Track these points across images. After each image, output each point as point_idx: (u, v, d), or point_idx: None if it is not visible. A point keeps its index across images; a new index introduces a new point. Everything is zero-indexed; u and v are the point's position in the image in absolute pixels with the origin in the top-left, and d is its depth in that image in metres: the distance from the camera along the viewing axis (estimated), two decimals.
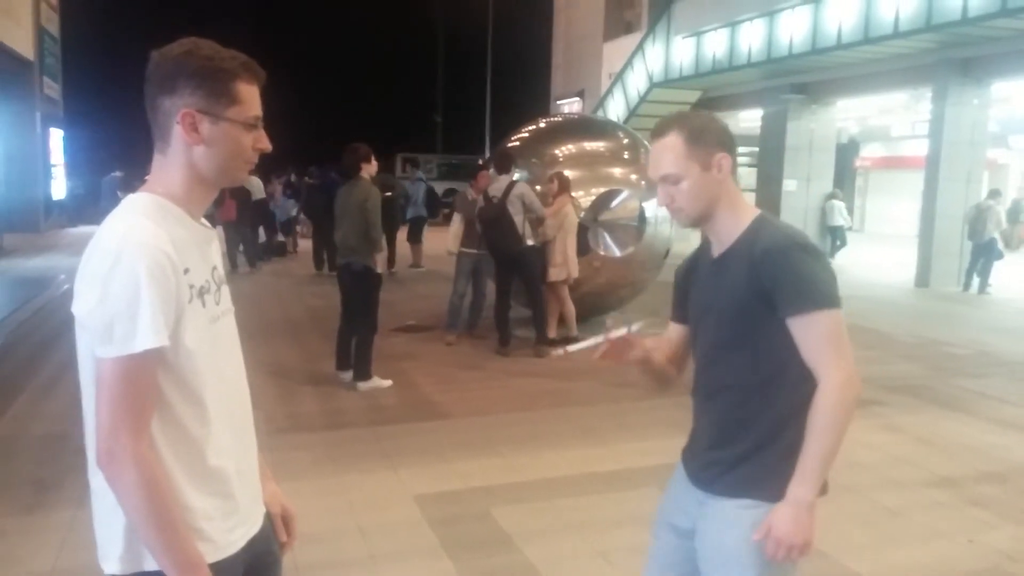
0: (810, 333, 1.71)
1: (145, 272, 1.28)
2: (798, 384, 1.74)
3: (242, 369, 1.57)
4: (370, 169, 6.21)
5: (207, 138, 1.40)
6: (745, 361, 1.79)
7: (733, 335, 1.81)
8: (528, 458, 4.70)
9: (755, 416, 1.80)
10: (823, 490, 1.76)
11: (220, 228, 12.20)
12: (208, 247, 1.50)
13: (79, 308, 1.31)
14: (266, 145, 1.48)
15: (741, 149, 24.40)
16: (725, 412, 1.85)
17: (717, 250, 1.88)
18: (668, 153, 1.81)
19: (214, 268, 1.49)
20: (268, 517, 1.64)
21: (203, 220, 1.51)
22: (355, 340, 6.15)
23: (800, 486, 1.70)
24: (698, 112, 1.89)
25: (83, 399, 1.40)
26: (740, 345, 1.80)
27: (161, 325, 1.29)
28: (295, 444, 4.73)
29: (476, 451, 4.81)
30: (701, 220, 1.86)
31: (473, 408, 5.73)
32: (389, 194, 11.71)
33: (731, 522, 1.79)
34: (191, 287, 1.38)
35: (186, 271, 1.36)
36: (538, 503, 4.06)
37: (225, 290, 1.54)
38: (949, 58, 12.32)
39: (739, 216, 1.84)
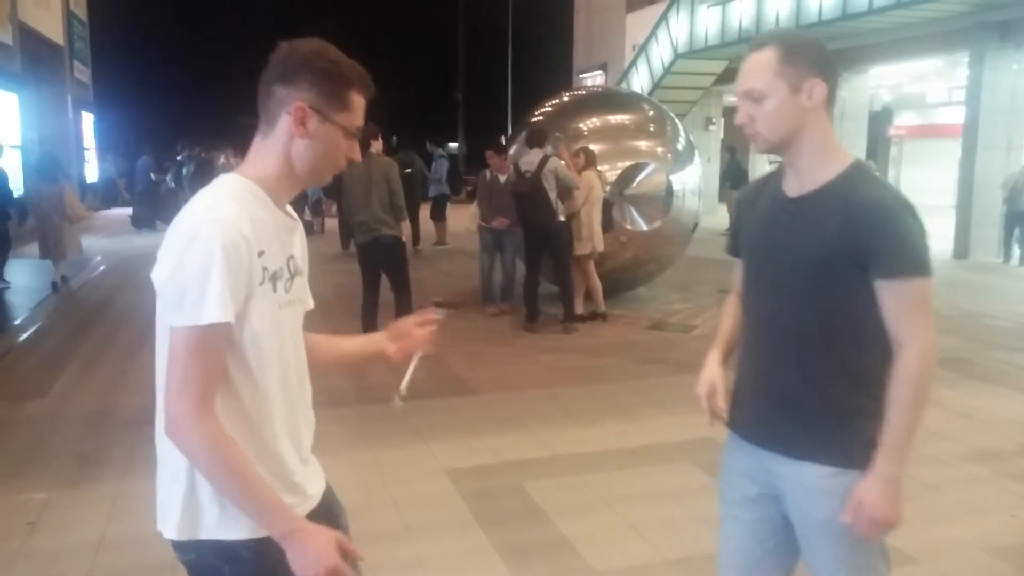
0: (901, 299, 1.62)
1: (220, 249, 1.32)
2: (872, 345, 1.66)
3: (303, 355, 1.61)
4: (377, 146, 6.32)
5: (311, 133, 1.45)
6: (818, 314, 1.69)
7: (808, 285, 1.68)
8: (559, 433, 4.72)
9: (827, 374, 1.70)
10: None
11: None
12: (290, 236, 1.54)
13: (157, 276, 1.37)
14: (356, 156, 1.53)
15: None
16: (795, 366, 1.73)
17: (795, 188, 1.73)
18: (758, 68, 1.68)
19: (291, 257, 1.53)
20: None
21: (289, 209, 1.54)
22: (399, 312, 6.20)
23: (887, 461, 1.63)
24: (803, 32, 1.74)
25: (156, 366, 1.44)
26: (814, 297, 1.68)
27: (228, 301, 1.33)
28: (328, 418, 4.69)
29: (507, 426, 4.83)
30: (779, 148, 1.72)
31: (502, 384, 5.75)
32: (409, 171, 11.68)
33: (821, 493, 1.71)
34: (264, 269, 1.42)
35: (261, 253, 1.40)
36: (570, 478, 4.07)
37: (299, 281, 1.57)
38: (986, 21, 11.96)
39: (829, 157, 1.70)
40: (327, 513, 1.63)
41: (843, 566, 1.73)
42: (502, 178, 7.86)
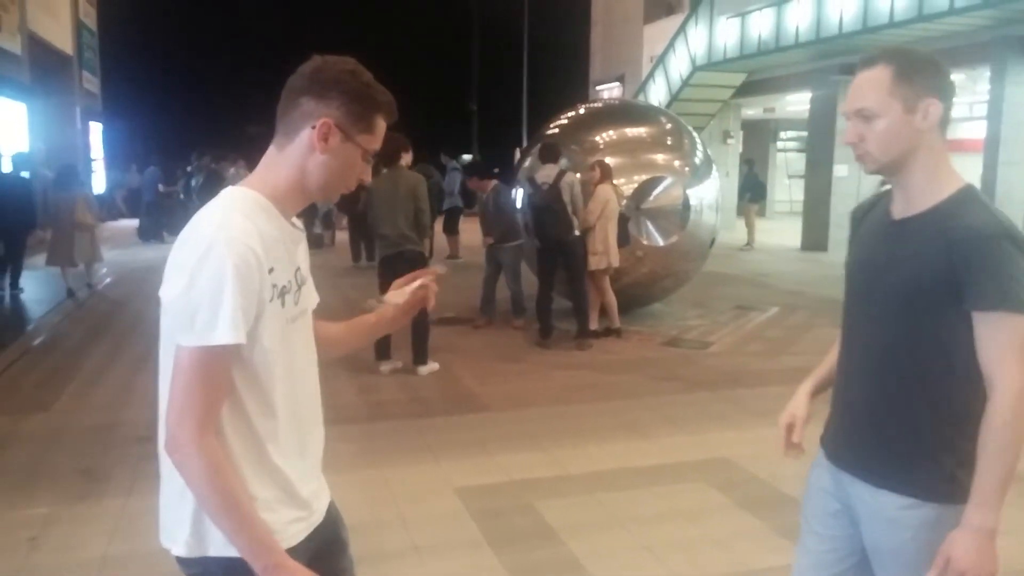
0: (996, 334, 1.54)
1: (232, 268, 1.32)
2: (965, 380, 1.59)
3: (314, 367, 1.61)
4: (407, 158, 6.29)
5: (332, 150, 1.45)
6: (910, 342, 1.64)
7: (902, 311, 1.63)
8: (571, 451, 4.64)
9: (915, 405, 1.65)
10: None
11: None
12: (296, 247, 1.53)
13: (166, 293, 1.36)
14: (367, 178, 1.55)
15: (789, 134, 24.00)
16: (881, 392, 1.70)
17: (901, 210, 1.68)
18: (870, 85, 1.62)
19: (297, 269, 1.53)
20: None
21: (295, 220, 1.53)
22: (416, 326, 6.16)
23: (979, 512, 1.55)
24: (918, 49, 1.68)
25: (160, 383, 1.43)
26: (908, 324, 1.63)
27: (240, 322, 1.33)
28: (337, 436, 4.64)
29: (518, 444, 4.76)
30: (889, 170, 1.66)
31: (514, 401, 5.68)
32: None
33: (893, 522, 1.68)
34: (274, 286, 1.42)
35: (271, 270, 1.40)
36: (582, 497, 4.00)
37: (305, 290, 1.57)
38: (1008, 35, 11.85)
39: (940, 179, 1.64)
40: (331, 528, 1.64)
41: None
42: (483, 196, 8.09)
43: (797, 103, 17.79)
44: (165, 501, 1.46)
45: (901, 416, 1.67)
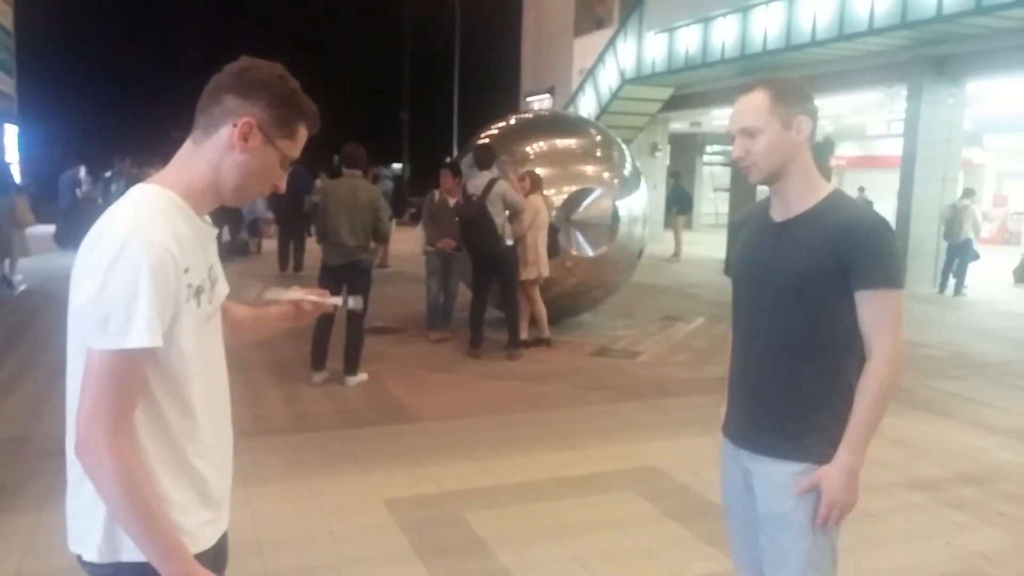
0: (877, 307, 1.80)
1: (147, 270, 1.29)
2: (848, 352, 1.84)
3: (224, 366, 1.59)
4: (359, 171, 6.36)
5: (251, 150, 1.43)
6: (802, 325, 1.86)
7: (792, 299, 1.86)
8: (501, 462, 4.63)
9: (815, 383, 1.87)
10: None
11: None
12: (209, 245, 1.51)
13: (78, 296, 1.33)
14: (282, 186, 1.53)
15: (715, 147, 24.61)
16: (774, 371, 1.91)
17: (781, 214, 1.93)
18: (751, 107, 1.87)
19: (211, 266, 1.50)
20: None
21: (206, 217, 1.50)
22: (352, 336, 6.14)
23: (850, 453, 1.83)
24: (789, 76, 1.97)
25: (68, 388, 1.39)
26: (797, 310, 1.86)
27: (156, 325, 1.30)
28: (262, 448, 4.60)
29: (448, 455, 4.72)
30: (772, 178, 1.90)
31: (444, 411, 5.64)
32: None
33: (784, 489, 1.88)
34: (189, 286, 1.39)
35: (186, 270, 1.38)
36: (512, 507, 3.99)
37: (219, 287, 1.55)
38: (924, 56, 12.37)
39: (812, 185, 1.90)
40: (223, 539, 1.61)
41: (802, 559, 1.89)
42: (451, 201, 7.61)
43: (723, 118, 18.25)
44: (75, 506, 1.41)
45: (802, 395, 1.89)
